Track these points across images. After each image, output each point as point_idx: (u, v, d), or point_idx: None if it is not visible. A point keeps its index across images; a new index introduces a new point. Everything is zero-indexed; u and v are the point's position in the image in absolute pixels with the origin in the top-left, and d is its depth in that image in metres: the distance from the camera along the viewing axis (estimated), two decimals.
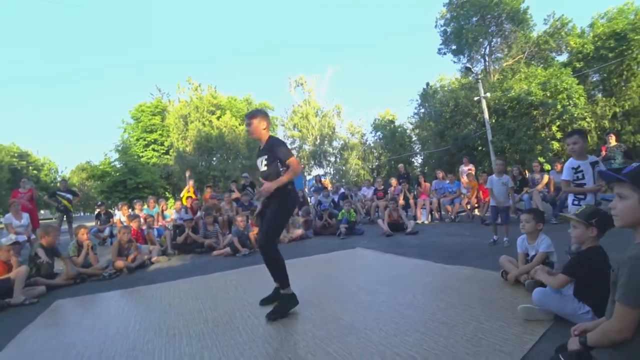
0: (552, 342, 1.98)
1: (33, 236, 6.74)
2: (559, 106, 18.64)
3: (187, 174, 12.25)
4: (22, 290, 4.03)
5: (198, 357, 2.22)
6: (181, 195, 10.22)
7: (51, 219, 30.21)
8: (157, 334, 2.69)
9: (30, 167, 36.57)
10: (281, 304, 2.89)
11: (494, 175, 5.44)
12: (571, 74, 19.85)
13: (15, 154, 36.08)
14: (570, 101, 18.88)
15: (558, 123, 19.48)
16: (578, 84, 19.48)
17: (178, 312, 3.19)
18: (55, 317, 3.45)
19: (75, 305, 3.89)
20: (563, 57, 24.24)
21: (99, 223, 9.64)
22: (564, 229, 3.48)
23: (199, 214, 8.35)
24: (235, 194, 9.61)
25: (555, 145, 19.59)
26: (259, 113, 3.10)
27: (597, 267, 2.14)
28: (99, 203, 11.19)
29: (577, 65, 21.80)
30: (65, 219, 9.84)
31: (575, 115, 18.81)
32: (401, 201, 9.02)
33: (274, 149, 2.95)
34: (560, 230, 5.11)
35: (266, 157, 3.00)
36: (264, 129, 3.06)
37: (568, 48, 23.43)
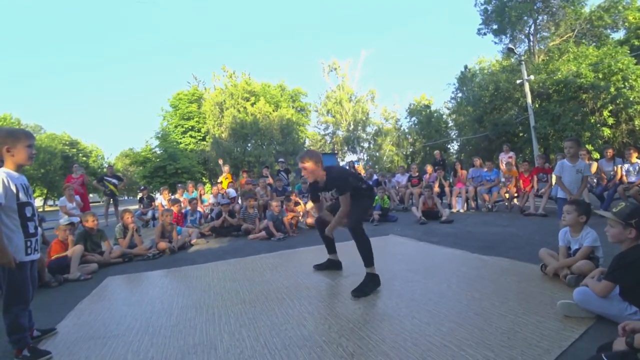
0: (593, 340, 1.90)
1: None
2: (612, 89, 17.06)
3: (220, 161, 12.65)
4: (77, 267, 4.39)
5: (237, 335, 2.35)
6: (218, 181, 10.57)
7: (99, 202, 32.30)
8: (198, 312, 2.86)
9: (80, 154, 39.06)
10: (364, 282, 3.09)
11: (565, 160, 4.47)
12: (628, 52, 18.07)
13: (67, 142, 38.65)
14: (626, 83, 17.28)
15: (610, 108, 17.81)
16: (636, 64, 17.72)
17: (217, 292, 3.36)
18: (107, 292, 3.74)
19: (123, 282, 4.19)
20: (619, 35, 22.24)
21: (142, 206, 10.21)
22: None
23: (232, 193, 8.63)
24: (269, 180, 9.80)
25: (606, 131, 17.95)
26: (312, 156, 3.36)
27: None
28: (142, 187, 11.84)
29: (636, 43, 19.82)
30: (111, 202, 10.53)
31: (631, 98, 17.16)
32: (436, 189, 8.83)
33: (337, 184, 3.30)
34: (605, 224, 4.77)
35: (335, 190, 3.39)
36: (320, 170, 3.36)
37: (626, 24, 21.40)
